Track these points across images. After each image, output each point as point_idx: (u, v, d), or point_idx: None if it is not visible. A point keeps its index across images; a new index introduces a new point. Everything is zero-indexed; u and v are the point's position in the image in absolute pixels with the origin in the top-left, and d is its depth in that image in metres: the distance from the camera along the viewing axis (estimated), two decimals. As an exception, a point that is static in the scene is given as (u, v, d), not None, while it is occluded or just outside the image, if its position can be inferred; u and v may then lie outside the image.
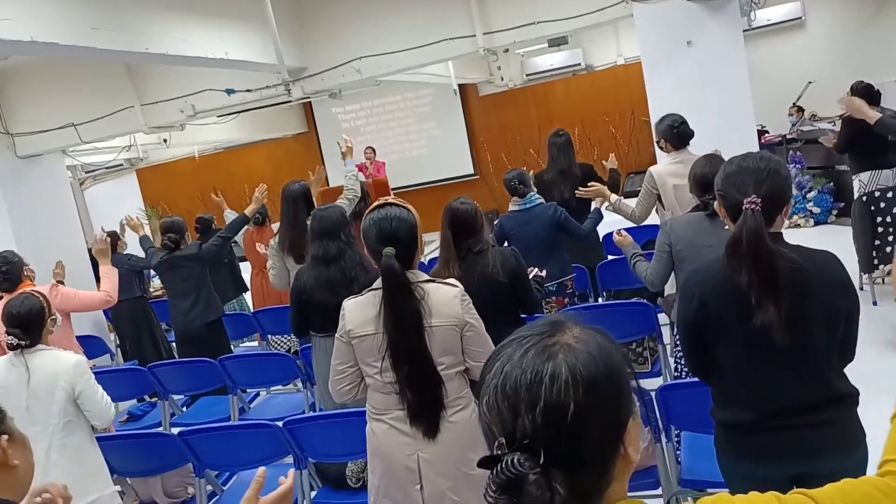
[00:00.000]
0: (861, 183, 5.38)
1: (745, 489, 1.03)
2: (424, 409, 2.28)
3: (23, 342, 2.90)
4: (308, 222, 4.52)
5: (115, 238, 6.89)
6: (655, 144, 4.31)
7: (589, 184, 4.36)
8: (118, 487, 3.07)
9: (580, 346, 0.91)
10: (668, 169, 4.07)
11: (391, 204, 2.34)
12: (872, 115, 4.43)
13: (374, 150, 10.60)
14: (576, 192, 4.43)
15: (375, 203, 2.37)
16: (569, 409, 0.87)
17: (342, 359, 2.37)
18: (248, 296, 7.08)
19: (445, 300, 2.29)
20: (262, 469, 1.34)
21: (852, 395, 1.99)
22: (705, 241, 2.97)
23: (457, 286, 2.35)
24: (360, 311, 2.32)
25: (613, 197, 4.21)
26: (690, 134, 4.11)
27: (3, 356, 3.01)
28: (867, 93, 5.31)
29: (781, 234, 2.00)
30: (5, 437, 1.38)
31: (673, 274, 3.13)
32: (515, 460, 0.84)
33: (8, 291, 4.12)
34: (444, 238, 3.28)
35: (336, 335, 2.39)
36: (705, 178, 3.06)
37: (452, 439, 2.29)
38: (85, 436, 2.99)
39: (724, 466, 2.11)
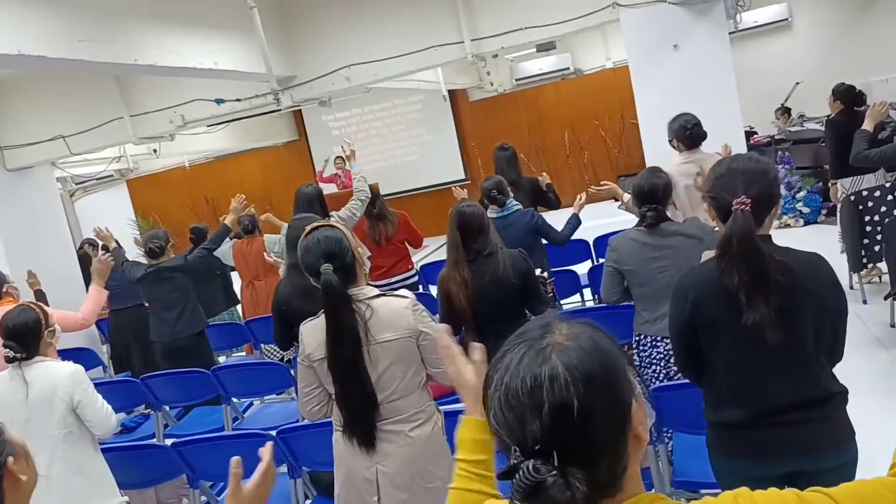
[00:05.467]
0: (843, 187, 5.39)
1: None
2: (358, 423, 2.32)
3: (19, 355, 2.88)
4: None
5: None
6: (668, 143, 4.31)
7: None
8: (126, 498, 3.04)
9: (571, 342, 0.93)
10: (679, 169, 4.03)
11: (319, 226, 2.38)
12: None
13: (343, 160, 10.44)
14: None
15: (306, 230, 2.40)
16: (573, 405, 0.88)
17: (306, 381, 2.42)
18: (240, 308, 7.06)
19: (397, 312, 2.32)
20: (235, 458, 1.31)
21: (842, 394, 2.01)
22: (650, 254, 3.06)
23: (407, 297, 2.36)
24: (315, 334, 2.35)
25: (626, 196, 4.21)
26: (703, 135, 4.14)
27: (4, 371, 2.98)
28: (849, 95, 5.34)
29: (770, 236, 2.02)
30: (11, 458, 1.37)
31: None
32: (531, 466, 0.86)
33: None
34: (453, 241, 3.31)
35: (298, 359, 2.44)
36: (641, 190, 3.11)
37: (411, 454, 2.33)
38: (87, 446, 2.96)
39: (717, 466, 2.12)
